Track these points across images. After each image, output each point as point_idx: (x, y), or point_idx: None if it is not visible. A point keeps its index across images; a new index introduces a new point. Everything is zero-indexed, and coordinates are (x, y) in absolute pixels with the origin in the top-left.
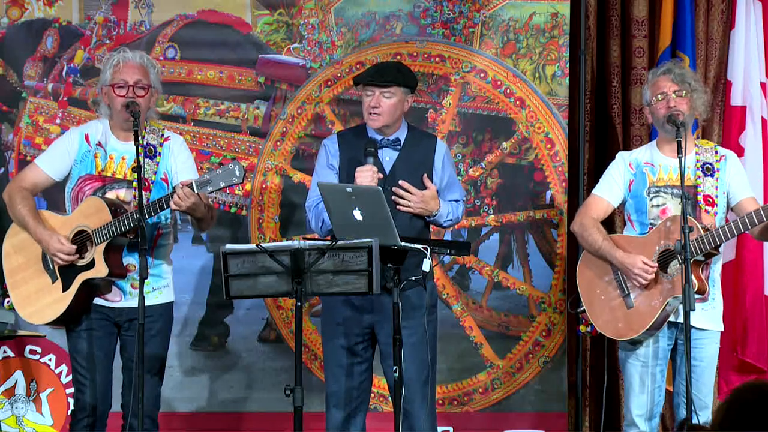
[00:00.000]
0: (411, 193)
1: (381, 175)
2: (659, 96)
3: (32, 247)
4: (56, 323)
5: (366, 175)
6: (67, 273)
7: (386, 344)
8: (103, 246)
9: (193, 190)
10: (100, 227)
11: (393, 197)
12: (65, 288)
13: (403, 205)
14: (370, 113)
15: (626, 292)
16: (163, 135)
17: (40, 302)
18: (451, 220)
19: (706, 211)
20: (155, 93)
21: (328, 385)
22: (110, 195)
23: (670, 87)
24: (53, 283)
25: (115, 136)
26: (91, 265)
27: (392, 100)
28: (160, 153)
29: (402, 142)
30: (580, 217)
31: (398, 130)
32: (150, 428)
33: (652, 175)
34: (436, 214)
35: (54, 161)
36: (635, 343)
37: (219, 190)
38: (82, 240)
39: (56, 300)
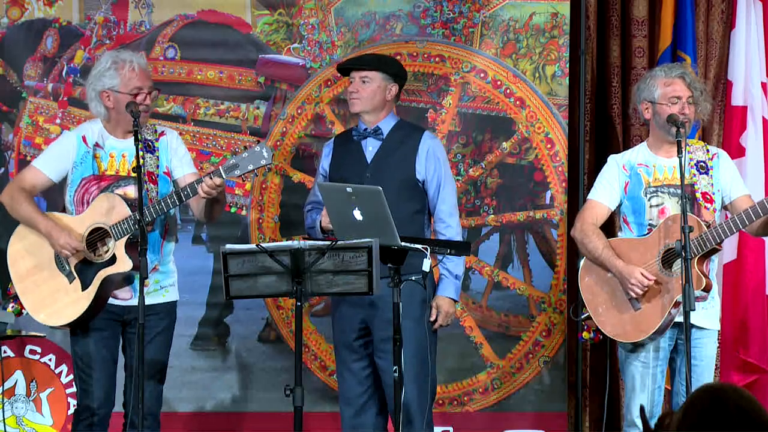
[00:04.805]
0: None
1: None
2: (674, 99)
3: (42, 250)
4: (75, 323)
5: None
6: (85, 272)
7: (378, 340)
8: (124, 241)
9: (222, 177)
10: (119, 222)
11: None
12: (84, 287)
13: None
14: (349, 98)
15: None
16: (156, 130)
17: (58, 303)
18: (460, 274)
19: (706, 208)
20: None
21: (338, 383)
22: (118, 192)
23: (685, 93)
24: (71, 283)
25: (112, 135)
26: (111, 261)
27: (371, 85)
28: (157, 147)
29: (385, 132)
30: (579, 223)
31: (382, 120)
32: (152, 426)
33: (647, 175)
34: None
35: (52, 163)
36: (637, 346)
37: (248, 173)
38: (98, 237)
39: (75, 300)
